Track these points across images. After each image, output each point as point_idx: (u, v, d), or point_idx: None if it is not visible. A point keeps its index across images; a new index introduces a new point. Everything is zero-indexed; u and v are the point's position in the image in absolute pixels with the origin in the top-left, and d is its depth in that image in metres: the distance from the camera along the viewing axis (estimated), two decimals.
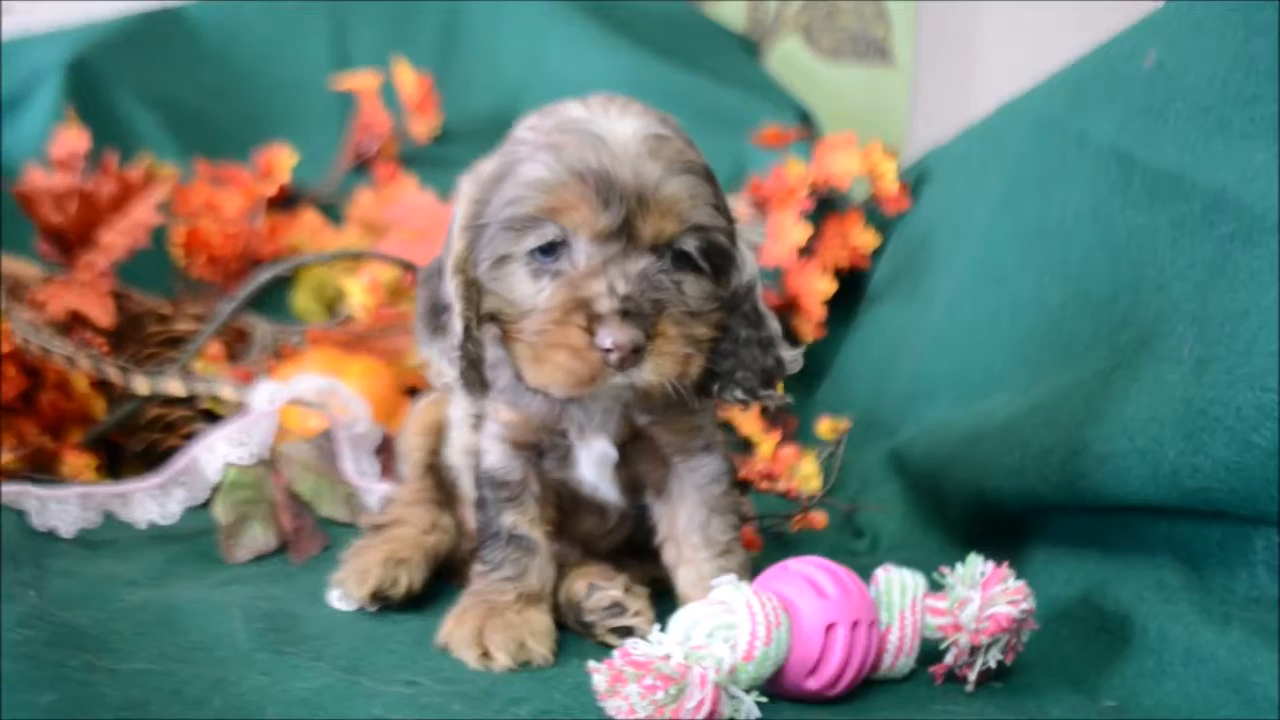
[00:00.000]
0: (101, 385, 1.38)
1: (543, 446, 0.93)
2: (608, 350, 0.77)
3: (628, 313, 0.77)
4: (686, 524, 0.93)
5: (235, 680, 0.78)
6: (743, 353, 0.87)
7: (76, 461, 1.34)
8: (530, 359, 0.80)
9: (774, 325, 0.90)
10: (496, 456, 0.93)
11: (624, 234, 0.79)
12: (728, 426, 1.69)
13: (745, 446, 1.64)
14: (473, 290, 0.84)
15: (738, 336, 0.88)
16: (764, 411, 1.69)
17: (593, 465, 0.93)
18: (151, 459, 1.34)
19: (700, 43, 2.17)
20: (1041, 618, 0.98)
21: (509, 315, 0.83)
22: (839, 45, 2.31)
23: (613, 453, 0.92)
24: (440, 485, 1.09)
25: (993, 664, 0.88)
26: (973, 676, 0.88)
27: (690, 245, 0.82)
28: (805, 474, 1.38)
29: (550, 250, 0.81)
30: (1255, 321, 0.82)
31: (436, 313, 0.86)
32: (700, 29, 2.22)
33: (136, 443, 1.39)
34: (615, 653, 0.74)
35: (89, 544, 1.11)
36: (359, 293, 1.35)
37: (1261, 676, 0.78)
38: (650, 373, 0.78)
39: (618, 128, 0.80)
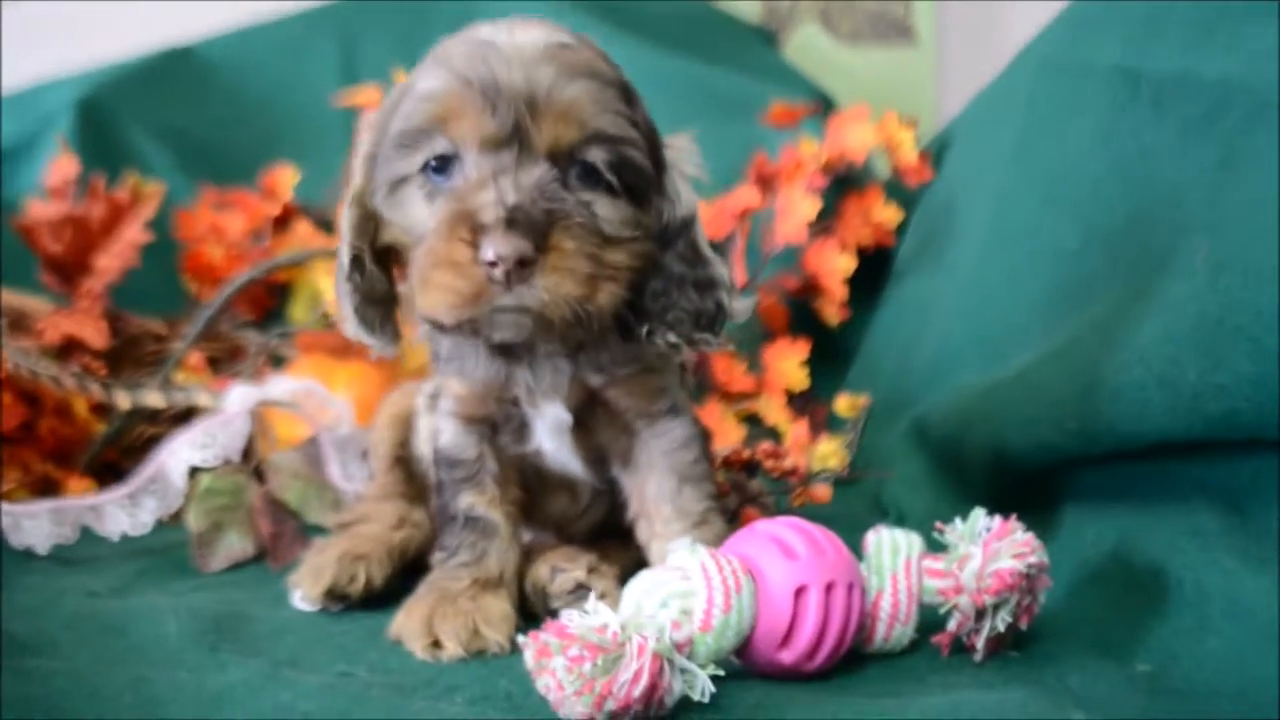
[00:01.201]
0: (101, 410, 1.36)
1: (496, 419, 0.86)
2: (492, 264, 0.69)
3: (514, 221, 0.70)
4: (656, 495, 0.86)
5: (153, 678, 0.73)
6: (675, 293, 0.80)
7: (78, 486, 1.32)
8: (418, 282, 0.74)
9: (719, 269, 0.82)
10: (450, 434, 0.87)
11: (515, 142, 0.72)
12: (754, 419, 1.61)
13: (773, 435, 1.56)
14: (370, 223, 0.79)
15: (670, 274, 0.80)
16: (790, 399, 1.60)
17: (549, 434, 0.86)
18: None
19: (714, 36, 2.11)
20: (1071, 580, 0.88)
21: (405, 243, 0.77)
22: (858, 27, 2.23)
23: (566, 417, 0.85)
24: (411, 479, 1.03)
25: (1001, 628, 0.77)
26: (980, 644, 0.78)
27: (596, 158, 0.74)
28: (824, 453, 1.29)
29: (443, 169, 0.74)
30: (1267, 210, 0.71)
31: None
32: (714, 23, 2.16)
33: (134, 462, 1.36)
34: (547, 623, 0.67)
35: (63, 560, 1.08)
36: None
37: None
38: (543, 290, 0.70)
39: (515, 37, 0.75)
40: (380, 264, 0.82)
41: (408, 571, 0.97)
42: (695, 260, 0.81)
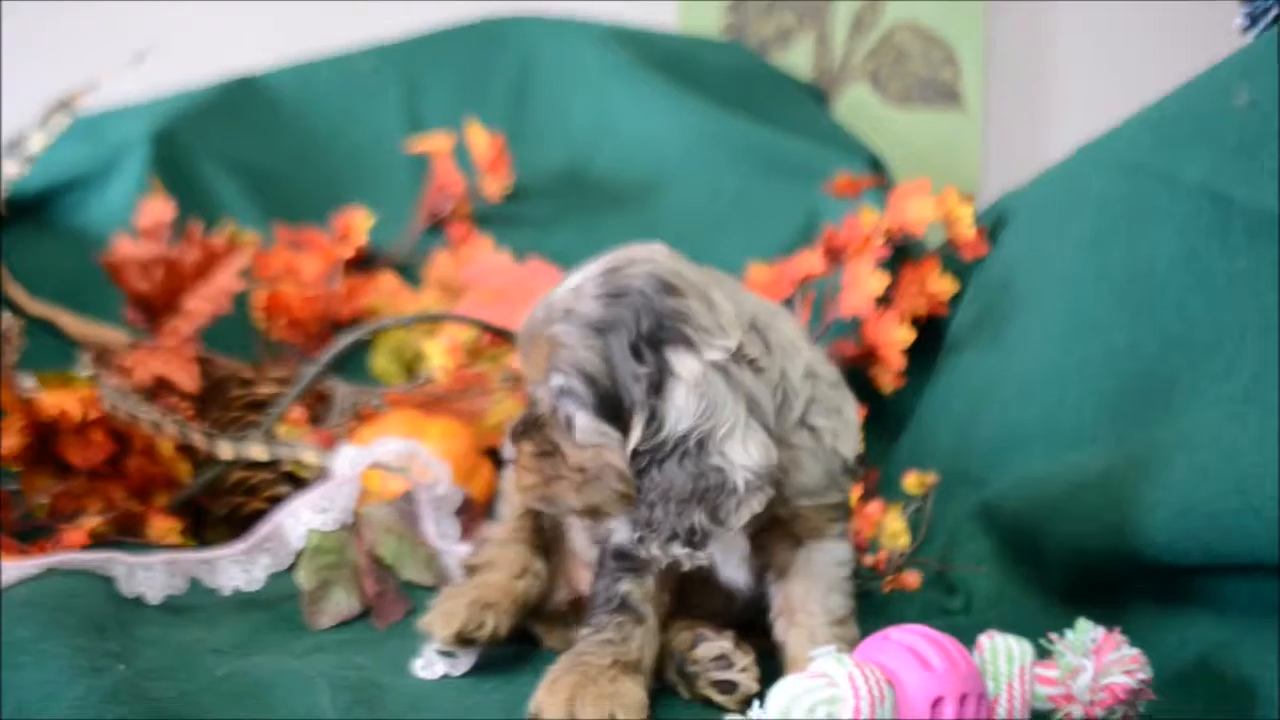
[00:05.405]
0: (186, 449, 1.40)
1: None
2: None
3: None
4: (804, 596, 0.92)
5: None
6: (658, 507, 0.83)
7: (162, 525, 1.35)
8: None
9: (726, 475, 0.82)
10: (626, 535, 0.91)
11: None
12: None
13: None
14: None
15: (657, 488, 0.83)
16: None
17: (721, 550, 0.92)
18: (235, 522, 1.35)
19: (768, 94, 2.17)
20: (1156, 684, 0.93)
21: None
22: (908, 90, 2.29)
23: (743, 545, 0.91)
24: (539, 530, 1.08)
25: None
26: None
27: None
28: (892, 532, 1.35)
29: None
30: None
31: None
32: (767, 80, 2.22)
33: (221, 506, 1.40)
34: None
35: (175, 610, 1.11)
36: (438, 355, 1.36)
37: None
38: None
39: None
40: None
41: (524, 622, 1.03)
42: (697, 472, 0.86)
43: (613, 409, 0.83)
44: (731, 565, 0.93)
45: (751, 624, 0.98)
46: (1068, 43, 2.34)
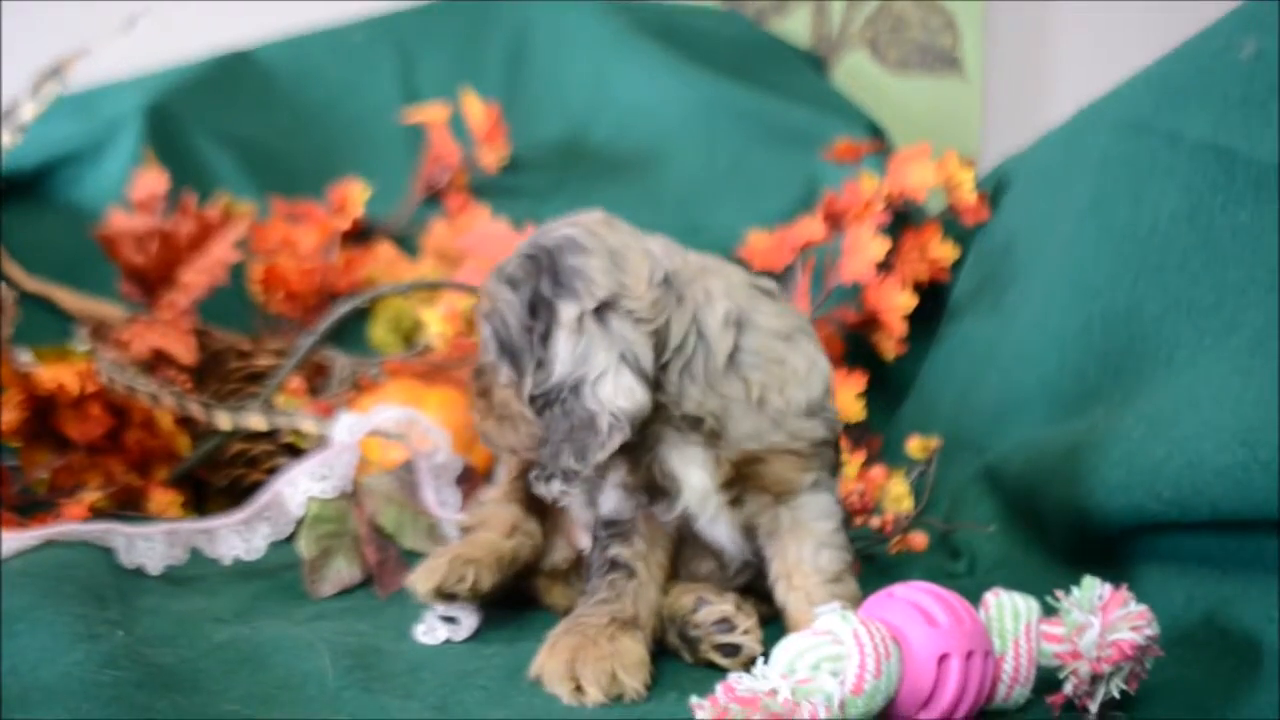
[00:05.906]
0: (185, 422, 1.39)
1: (654, 489, 0.92)
2: None
3: None
4: (796, 556, 0.92)
5: None
6: (545, 447, 0.88)
7: (163, 498, 1.35)
8: None
9: (594, 416, 0.85)
10: (612, 503, 0.94)
11: None
12: None
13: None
14: None
15: (546, 430, 0.88)
16: (846, 429, 1.64)
17: (697, 503, 0.92)
18: (235, 494, 1.35)
19: (766, 61, 2.15)
20: (1162, 641, 0.93)
21: None
22: (906, 57, 2.27)
23: (709, 484, 0.91)
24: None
25: (1115, 693, 0.83)
26: (1094, 707, 0.83)
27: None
28: (896, 495, 1.34)
29: None
30: None
31: None
32: (765, 48, 2.20)
33: (220, 478, 1.40)
34: (718, 687, 0.71)
35: (176, 580, 1.11)
36: (437, 322, 1.35)
37: None
38: None
39: None
40: None
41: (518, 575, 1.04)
42: (577, 422, 0.90)
43: (517, 357, 0.88)
44: (706, 519, 0.93)
45: (751, 588, 0.98)
46: (1068, 7, 2.31)
